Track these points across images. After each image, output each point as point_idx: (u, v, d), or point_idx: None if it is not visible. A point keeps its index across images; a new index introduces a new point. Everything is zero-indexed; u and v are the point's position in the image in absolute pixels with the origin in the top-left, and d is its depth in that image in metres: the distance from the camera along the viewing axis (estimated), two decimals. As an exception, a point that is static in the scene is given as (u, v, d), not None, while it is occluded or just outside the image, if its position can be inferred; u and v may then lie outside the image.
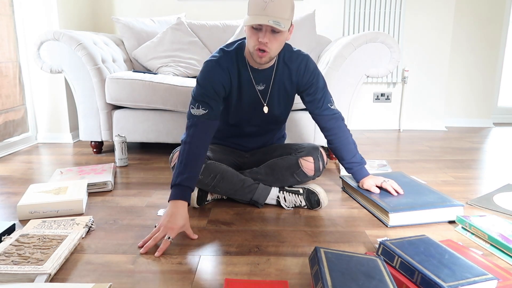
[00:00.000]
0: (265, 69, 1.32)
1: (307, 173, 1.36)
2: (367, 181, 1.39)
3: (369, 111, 2.98)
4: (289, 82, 1.35)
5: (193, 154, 1.21)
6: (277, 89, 1.36)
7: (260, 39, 1.16)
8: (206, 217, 1.30)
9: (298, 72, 1.34)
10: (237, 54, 1.31)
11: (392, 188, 1.35)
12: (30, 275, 0.91)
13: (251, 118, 1.40)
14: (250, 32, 1.19)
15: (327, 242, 1.13)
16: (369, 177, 1.41)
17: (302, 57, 1.35)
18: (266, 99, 1.36)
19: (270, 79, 1.34)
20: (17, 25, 2.27)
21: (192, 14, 2.77)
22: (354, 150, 1.41)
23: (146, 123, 2.05)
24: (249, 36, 1.20)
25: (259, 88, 1.34)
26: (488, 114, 3.09)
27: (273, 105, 1.38)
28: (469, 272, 0.84)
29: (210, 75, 1.27)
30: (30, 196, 1.35)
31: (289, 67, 1.33)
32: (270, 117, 1.41)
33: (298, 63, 1.34)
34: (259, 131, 1.47)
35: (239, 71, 1.31)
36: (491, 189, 1.59)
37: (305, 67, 1.34)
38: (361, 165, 1.41)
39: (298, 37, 2.35)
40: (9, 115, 2.22)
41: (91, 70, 2.00)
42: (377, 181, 1.39)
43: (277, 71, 1.33)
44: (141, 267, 0.99)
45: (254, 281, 0.90)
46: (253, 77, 1.32)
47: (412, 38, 2.85)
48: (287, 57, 1.33)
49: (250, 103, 1.36)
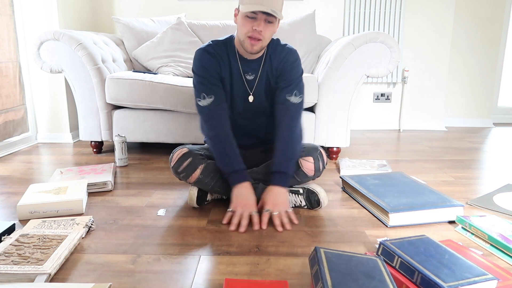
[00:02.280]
0: (254, 60, 1.35)
1: (307, 173, 1.36)
2: (268, 196, 1.25)
3: (369, 111, 2.98)
4: (271, 73, 1.38)
5: (226, 141, 1.30)
6: (264, 80, 1.38)
7: (254, 27, 1.21)
8: (206, 217, 1.30)
9: (278, 63, 1.37)
10: (227, 44, 1.35)
11: (279, 223, 1.20)
12: (30, 275, 0.91)
13: (242, 109, 1.42)
14: (244, 20, 1.23)
15: (327, 242, 1.13)
16: (275, 192, 1.26)
17: (287, 50, 1.37)
18: (252, 88, 1.38)
19: (258, 70, 1.37)
20: (17, 25, 2.27)
21: (192, 14, 2.77)
22: (281, 149, 1.30)
23: (146, 123, 2.05)
24: (242, 24, 1.24)
25: (248, 78, 1.37)
26: (488, 114, 3.09)
27: (260, 96, 1.40)
28: (469, 272, 0.84)
29: (202, 62, 1.32)
30: (30, 196, 1.35)
31: (273, 59, 1.37)
32: (258, 108, 1.42)
33: (282, 56, 1.36)
34: (250, 124, 1.47)
35: (230, 60, 1.35)
36: (491, 189, 1.59)
37: (283, 58, 1.36)
38: (280, 173, 1.28)
39: (298, 37, 2.35)
40: (9, 115, 2.22)
41: (91, 70, 2.00)
42: (275, 202, 1.24)
43: (264, 63, 1.37)
44: (141, 267, 0.99)
45: (254, 281, 0.89)
46: (242, 67, 1.35)
47: (412, 38, 2.85)
48: (273, 50, 1.37)
49: (239, 93, 1.39)
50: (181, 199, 1.46)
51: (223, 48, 1.34)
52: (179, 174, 1.33)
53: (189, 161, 1.31)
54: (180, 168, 1.32)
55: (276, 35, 2.32)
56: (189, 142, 2.06)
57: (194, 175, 1.31)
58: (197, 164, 1.32)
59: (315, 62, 2.38)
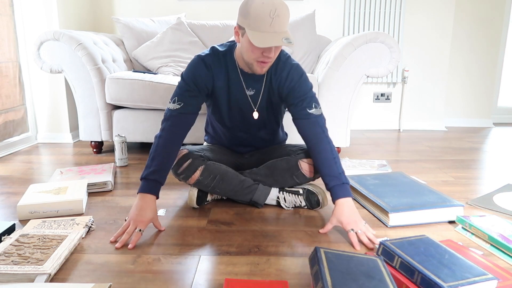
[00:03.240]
0: (255, 75, 1.29)
1: (306, 175, 1.36)
2: (343, 213, 1.16)
3: (369, 111, 2.98)
4: (276, 89, 1.33)
5: (163, 147, 1.23)
6: (267, 95, 1.34)
7: (265, 54, 1.15)
8: (206, 217, 1.30)
9: (281, 79, 1.30)
10: (227, 55, 1.30)
11: (367, 240, 1.11)
12: (30, 275, 0.91)
13: (242, 123, 1.40)
14: (253, 47, 1.15)
15: (327, 242, 1.13)
16: (348, 206, 1.18)
17: (290, 66, 1.30)
18: (256, 104, 1.35)
19: (261, 85, 1.32)
20: (17, 25, 2.27)
21: (192, 14, 2.77)
22: (331, 162, 1.23)
23: (146, 123, 2.05)
24: (249, 50, 1.16)
25: (249, 93, 1.33)
26: (488, 114, 3.09)
27: (263, 111, 1.37)
28: (469, 272, 0.84)
29: (193, 70, 1.28)
30: (30, 196, 1.35)
31: (277, 74, 1.31)
32: (260, 123, 1.40)
33: (285, 74, 1.29)
34: (249, 136, 1.45)
35: (228, 72, 1.30)
36: (491, 189, 1.59)
37: (287, 75, 1.29)
38: (340, 181, 1.21)
39: (298, 37, 2.35)
40: (9, 115, 2.22)
41: (91, 70, 2.00)
42: (354, 219, 1.15)
43: (267, 78, 1.31)
44: (141, 267, 0.99)
45: (254, 281, 0.89)
46: (243, 81, 1.31)
47: (412, 38, 2.85)
48: (275, 66, 1.30)
49: (240, 107, 1.36)
50: (181, 199, 1.46)
51: (222, 59, 1.29)
52: (179, 175, 1.33)
53: (188, 163, 1.31)
54: (179, 170, 1.32)
55: (276, 35, 2.32)
56: (189, 143, 2.06)
57: (194, 177, 1.31)
58: (197, 165, 1.31)
59: (315, 62, 2.38)
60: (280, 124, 1.51)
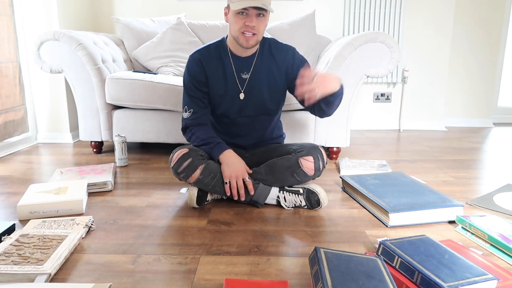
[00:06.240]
0: (247, 58, 1.39)
1: (307, 173, 1.36)
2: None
3: (369, 111, 2.98)
4: (277, 70, 1.41)
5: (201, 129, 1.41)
6: (264, 77, 1.41)
7: (247, 23, 1.25)
8: (206, 217, 1.30)
9: (285, 61, 1.41)
10: (219, 46, 1.40)
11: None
12: (30, 275, 0.91)
13: (235, 107, 1.44)
14: (235, 17, 1.27)
15: (327, 242, 1.13)
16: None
17: (288, 47, 1.43)
18: (244, 86, 1.41)
19: (250, 67, 1.40)
20: (17, 25, 2.27)
21: (192, 14, 2.77)
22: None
23: (146, 123, 2.05)
24: (234, 22, 1.28)
25: (244, 76, 1.40)
26: (488, 114, 3.09)
27: (253, 93, 1.41)
28: (469, 272, 0.84)
29: (188, 71, 1.41)
30: (30, 196, 1.35)
31: (275, 57, 1.41)
32: (256, 106, 1.44)
33: (284, 53, 1.42)
34: (250, 122, 1.48)
35: (223, 61, 1.39)
36: (491, 189, 1.59)
37: (293, 56, 1.42)
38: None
39: (298, 37, 2.35)
40: (9, 115, 2.22)
41: (91, 70, 2.00)
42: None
43: (261, 60, 1.40)
44: (141, 267, 0.99)
45: (254, 281, 0.89)
46: (235, 66, 1.39)
47: (412, 38, 2.85)
48: (272, 48, 1.41)
49: (232, 91, 1.42)
50: (181, 199, 1.46)
51: (214, 50, 1.39)
52: (179, 174, 1.33)
53: (189, 162, 1.31)
54: (180, 169, 1.32)
55: (276, 35, 2.32)
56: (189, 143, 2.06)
57: (194, 176, 1.32)
58: (197, 164, 1.32)
59: (315, 62, 2.38)
60: (275, 112, 1.50)
